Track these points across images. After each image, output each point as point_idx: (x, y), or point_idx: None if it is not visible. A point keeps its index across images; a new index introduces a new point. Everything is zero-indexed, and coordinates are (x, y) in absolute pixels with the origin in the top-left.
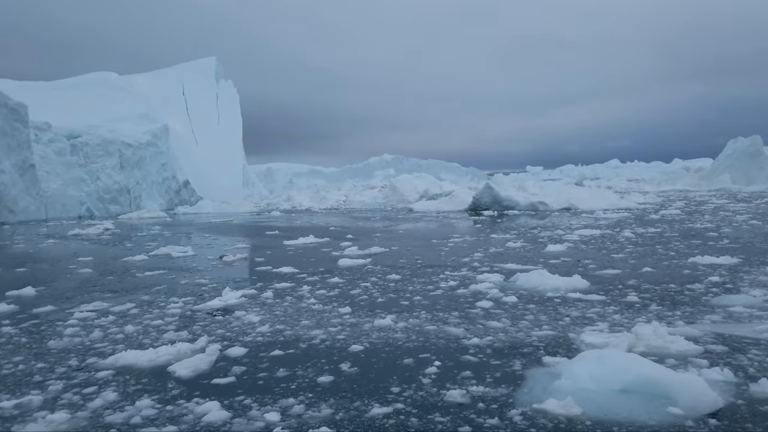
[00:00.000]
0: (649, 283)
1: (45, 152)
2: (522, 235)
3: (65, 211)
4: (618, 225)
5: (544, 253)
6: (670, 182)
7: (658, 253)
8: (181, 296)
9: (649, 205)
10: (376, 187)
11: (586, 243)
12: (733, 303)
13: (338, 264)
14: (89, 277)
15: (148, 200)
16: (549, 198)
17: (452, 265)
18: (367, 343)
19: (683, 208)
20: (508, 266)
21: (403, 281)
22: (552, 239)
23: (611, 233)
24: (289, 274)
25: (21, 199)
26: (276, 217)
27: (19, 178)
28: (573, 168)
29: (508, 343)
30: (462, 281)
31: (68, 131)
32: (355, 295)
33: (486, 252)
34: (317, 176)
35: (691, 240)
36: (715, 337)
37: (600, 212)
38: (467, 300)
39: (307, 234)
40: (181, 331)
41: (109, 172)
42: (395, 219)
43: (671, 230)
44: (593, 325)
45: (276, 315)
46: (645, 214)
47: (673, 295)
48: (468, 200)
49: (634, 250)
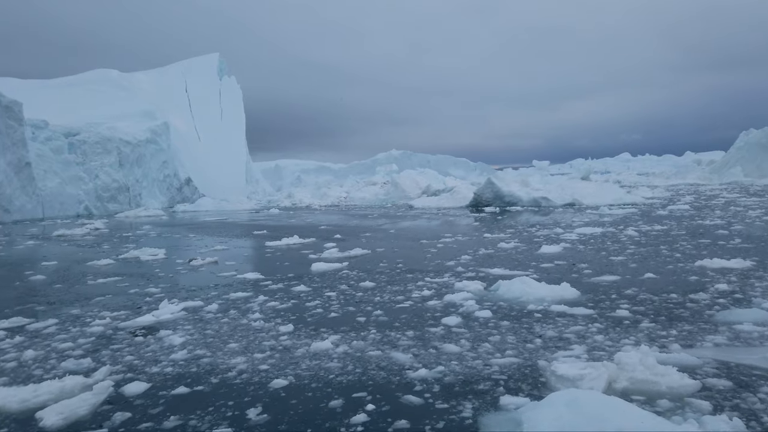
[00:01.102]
0: (648, 292)
1: (42, 150)
2: (517, 234)
3: (63, 210)
4: (622, 222)
5: (538, 255)
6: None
7: (663, 255)
8: (116, 310)
9: (656, 199)
10: (378, 184)
11: (584, 243)
12: (742, 319)
13: (311, 269)
14: (35, 286)
15: (149, 198)
16: (552, 193)
17: (434, 270)
18: (293, 376)
19: (692, 202)
20: (494, 272)
21: (373, 290)
22: (548, 239)
23: (614, 231)
24: (251, 281)
25: (16, 198)
26: (272, 215)
27: (14, 177)
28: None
29: (462, 376)
30: (438, 290)
31: (66, 129)
32: (308, 309)
33: (475, 254)
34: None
35: (699, 239)
36: (717, 367)
37: (605, 208)
38: (434, 315)
39: (294, 234)
40: (86, 357)
41: (108, 170)
42: (392, 216)
43: (678, 228)
44: (569, 349)
45: (204, 336)
46: (652, 210)
47: (671, 308)
48: (469, 196)
49: (636, 251)
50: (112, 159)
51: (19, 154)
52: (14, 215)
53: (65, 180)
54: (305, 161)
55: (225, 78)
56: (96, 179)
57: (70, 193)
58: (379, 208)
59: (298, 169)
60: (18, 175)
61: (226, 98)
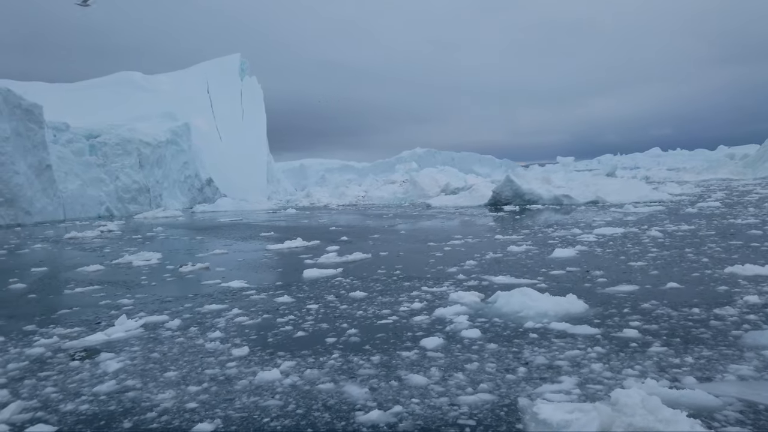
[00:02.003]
0: (667, 306)
1: (63, 153)
2: (531, 236)
3: (84, 212)
4: (647, 221)
5: (549, 260)
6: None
7: (688, 259)
8: (72, 326)
9: (685, 196)
10: (397, 182)
11: (603, 245)
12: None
13: (302, 276)
14: (7, 296)
15: (170, 199)
16: (574, 191)
17: (433, 278)
18: (221, 419)
19: (724, 199)
20: (497, 280)
21: (359, 302)
22: (564, 241)
23: (636, 232)
24: (233, 290)
25: (37, 200)
26: (288, 215)
27: (35, 179)
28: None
29: (421, 420)
30: (430, 303)
31: (87, 131)
32: (277, 326)
33: (481, 259)
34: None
35: (730, 241)
36: (741, 411)
37: (629, 206)
38: (415, 334)
39: (298, 236)
40: (3, 388)
41: (128, 172)
42: (407, 216)
43: (707, 228)
44: (558, 381)
45: (146, 360)
46: (680, 208)
47: (691, 326)
48: (488, 195)
49: (659, 255)
50: (132, 160)
51: (40, 156)
52: (35, 217)
53: (86, 182)
54: (329, 160)
55: (246, 78)
56: (116, 180)
57: (91, 194)
58: (396, 207)
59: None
60: (39, 177)
61: (248, 98)
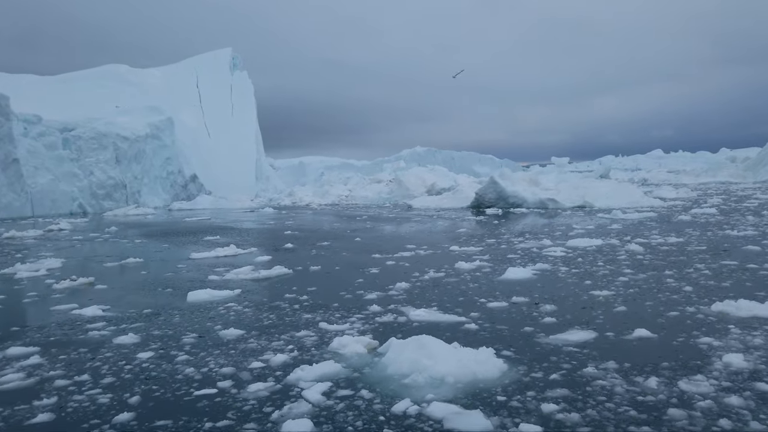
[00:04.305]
0: (621, 374)
1: (34, 146)
2: (493, 248)
3: (55, 208)
4: (632, 230)
5: (496, 284)
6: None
7: (668, 288)
8: None
9: (680, 201)
10: (383, 181)
11: (569, 263)
12: None
13: (186, 300)
14: None
15: (150, 195)
16: (561, 194)
17: (344, 308)
18: None
19: (720, 205)
20: (415, 315)
21: (218, 347)
22: (526, 256)
23: (614, 245)
24: (79, 320)
25: (3, 195)
26: (259, 215)
27: (0, 174)
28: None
29: None
30: (303, 353)
31: (62, 124)
32: (48, 391)
33: (417, 280)
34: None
35: (722, 260)
36: None
37: (618, 212)
38: (214, 427)
39: (247, 241)
40: None
41: (103, 167)
42: (380, 219)
43: (698, 240)
44: None
45: None
46: (672, 214)
47: (644, 419)
48: (472, 196)
49: (633, 280)
50: (108, 155)
51: (6, 149)
52: (0, 213)
53: (58, 176)
54: (329, 158)
55: (237, 72)
56: (91, 176)
57: (63, 190)
58: (376, 208)
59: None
60: (4, 171)
61: (237, 93)
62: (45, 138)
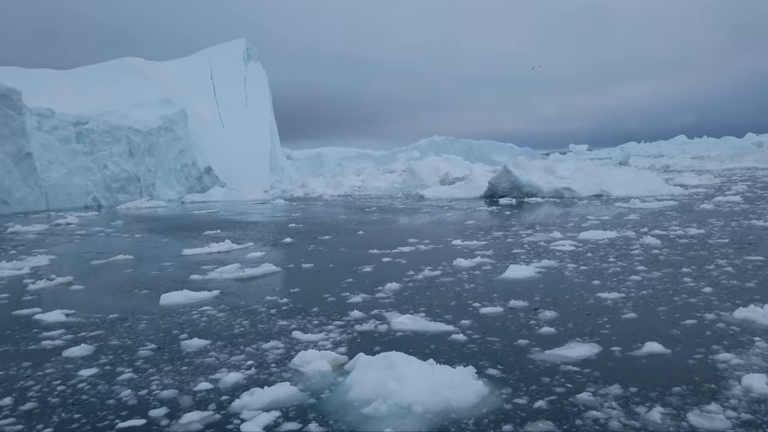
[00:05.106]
0: (621, 401)
1: (47, 140)
2: (498, 242)
3: (70, 201)
4: (649, 221)
5: (495, 284)
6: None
7: (684, 289)
8: None
9: (702, 189)
10: (396, 171)
11: (578, 259)
12: None
13: (159, 304)
14: None
15: (164, 188)
16: (578, 183)
17: (324, 313)
18: None
19: (746, 192)
20: (399, 323)
21: (171, 362)
22: (533, 251)
23: (629, 237)
24: (32, 329)
25: (17, 189)
26: (269, 207)
27: (14, 168)
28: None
29: None
30: (262, 371)
31: (75, 118)
32: None
33: (410, 280)
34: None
35: (747, 255)
36: None
37: (636, 200)
38: None
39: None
40: None
41: (117, 160)
42: (389, 210)
43: (721, 232)
44: None
45: None
46: (693, 203)
47: None
48: (485, 185)
49: (646, 279)
50: (121, 148)
51: (19, 144)
52: (14, 207)
53: (72, 170)
54: (347, 148)
55: (250, 63)
56: (104, 169)
57: (78, 183)
58: (388, 199)
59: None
60: (18, 165)
61: (252, 84)
62: (58, 132)
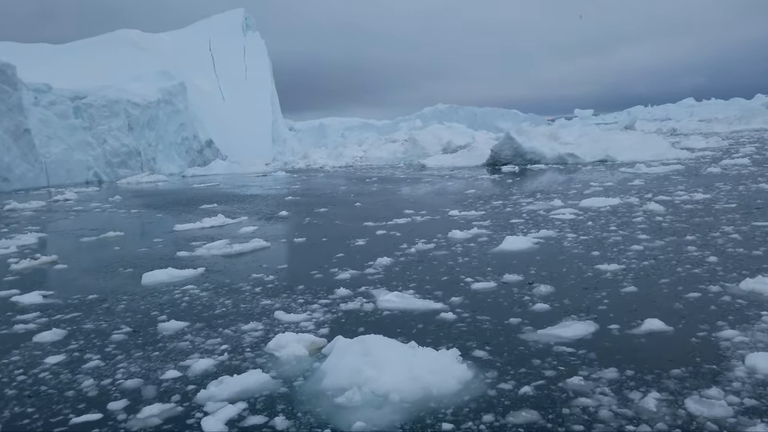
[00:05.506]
0: (610, 385)
1: (45, 115)
2: (497, 211)
3: (70, 177)
4: (654, 186)
5: (490, 257)
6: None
7: (688, 258)
8: None
9: (710, 152)
10: (398, 141)
11: (578, 229)
12: None
13: (141, 283)
14: None
15: (166, 162)
16: (582, 149)
17: (311, 291)
18: None
19: (754, 154)
20: (386, 301)
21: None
22: (531, 220)
23: (632, 204)
24: (6, 312)
25: (16, 166)
26: (270, 180)
27: (13, 144)
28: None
29: None
30: (235, 357)
31: (72, 93)
32: None
33: (406, 251)
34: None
35: (755, 220)
36: None
37: (641, 165)
38: None
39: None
40: None
41: (116, 134)
42: (389, 180)
43: (728, 197)
44: None
45: None
46: (700, 167)
47: None
48: (488, 153)
49: (649, 248)
50: (120, 122)
51: (16, 120)
52: (14, 184)
53: (72, 146)
54: (350, 118)
55: (249, 33)
56: (104, 144)
57: (78, 159)
58: (389, 169)
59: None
60: (17, 142)
61: (251, 54)
62: (56, 107)
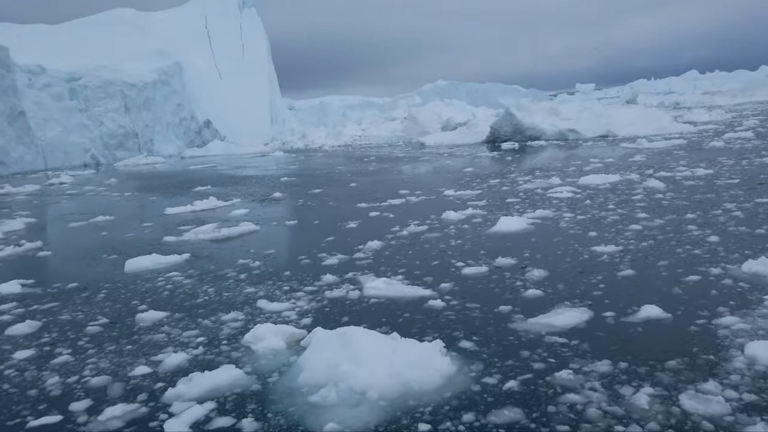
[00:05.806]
0: (601, 379)
1: (40, 97)
2: (493, 190)
3: (68, 160)
4: (655, 162)
5: (483, 239)
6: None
7: (688, 239)
8: None
9: (713, 125)
10: (398, 119)
11: (574, 208)
12: None
13: (124, 271)
14: None
15: (164, 143)
16: (582, 124)
17: (297, 278)
18: None
19: (757, 127)
20: (373, 288)
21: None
22: (528, 199)
23: (633, 180)
24: None
25: (12, 149)
26: (267, 160)
27: (8, 127)
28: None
29: None
30: (206, 351)
31: (67, 74)
32: None
33: (397, 233)
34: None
35: (758, 197)
36: None
37: (643, 140)
38: None
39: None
40: None
41: (112, 116)
42: (387, 159)
43: (730, 172)
44: None
45: None
46: (703, 141)
47: None
48: (487, 130)
49: (648, 227)
50: (116, 104)
51: (11, 102)
52: (12, 168)
53: (68, 128)
54: (350, 96)
55: (245, 10)
56: (101, 126)
57: (75, 141)
58: (388, 148)
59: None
60: (12, 125)
61: (248, 32)
62: (51, 89)
